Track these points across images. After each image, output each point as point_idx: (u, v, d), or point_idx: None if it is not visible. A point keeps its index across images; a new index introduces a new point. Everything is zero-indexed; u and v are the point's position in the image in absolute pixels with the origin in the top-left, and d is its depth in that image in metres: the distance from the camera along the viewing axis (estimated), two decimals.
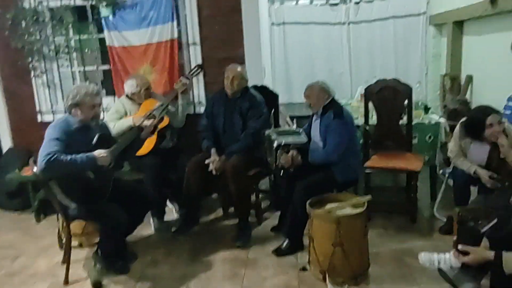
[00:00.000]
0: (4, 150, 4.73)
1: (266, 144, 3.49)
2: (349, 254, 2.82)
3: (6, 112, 4.69)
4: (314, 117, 3.46)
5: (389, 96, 3.89)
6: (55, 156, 2.75)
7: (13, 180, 4.30)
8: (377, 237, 3.43)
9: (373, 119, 4.02)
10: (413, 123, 3.92)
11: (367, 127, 3.96)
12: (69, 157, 2.80)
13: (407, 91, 3.83)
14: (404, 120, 3.91)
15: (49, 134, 2.89)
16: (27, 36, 4.34)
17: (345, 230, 2.80)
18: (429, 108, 4.37)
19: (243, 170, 3.56)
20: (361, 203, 2.98)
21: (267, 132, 3.49)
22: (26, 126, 4.66)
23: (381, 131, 3.95)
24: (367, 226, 2.99)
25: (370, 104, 3.98)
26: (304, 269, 3.06)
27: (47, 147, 2.81)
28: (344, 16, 5.19)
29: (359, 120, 4.03)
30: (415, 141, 3.97)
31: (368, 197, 3.04)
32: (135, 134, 3.30)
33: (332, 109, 3.29)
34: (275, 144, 3.29)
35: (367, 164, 3.73)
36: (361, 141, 3.86)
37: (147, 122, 3.39)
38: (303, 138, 3.40)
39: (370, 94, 3.96)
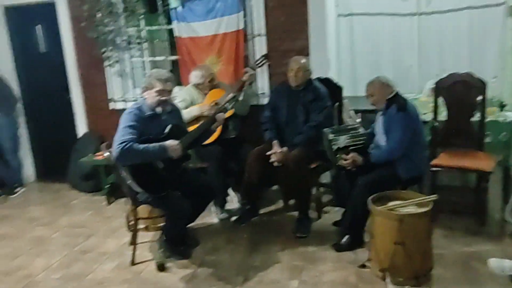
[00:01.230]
0: (81, 134, 5.02)
1: (324, 142, 3.44)
2: (411, 253, 2.73)
3: (83, 98, 4.97)
4: (379, 113, 3.38)
5: (461, 91, 3.69)
6: (129, 144, 2.84)
7: (87, 163, 4.59)
8: (442, 238, 3.30)
9: (443, 115, 3.85)
10: (486, 120, 3.69)
11: (436, 123, 3.80)
12: (142, 146, 2.89)
13: (481, 86, 3.61)
14: (476, 117, 3.70)
15: (124, 120, 2.97)
16: (101, 26, 4.54)
17: (407, 228, 2.72)
18: (505, 105, 4.11)
19: (304, 162, 3.55)
20: (426, 203, 2.88)
21: (325, 131, 3.42)
22: (99, 112, 4.93)
23: (451, 127, 3.76)
24: (431, 226, 2.89)
25: (440, 99, 3.81)
26: (363, 266, 3.01)
27: (122, 134, 2.89)
28: (415, 7, 4.97)
29: (428, 116, 3.87)
30: (487, 139, 3.74)
31: (434, 196, 2.93)
32: (207, 126, 3.36)
33: (395, 102, 3.19)
34: (334, 147, 3.26)
35: (434, 162, 3.57)
36: (428, 137, 3.70)
37: (221, 115, 3.42)
38: (361, 136, 3.33)
39: (441, 88, 3.78)
